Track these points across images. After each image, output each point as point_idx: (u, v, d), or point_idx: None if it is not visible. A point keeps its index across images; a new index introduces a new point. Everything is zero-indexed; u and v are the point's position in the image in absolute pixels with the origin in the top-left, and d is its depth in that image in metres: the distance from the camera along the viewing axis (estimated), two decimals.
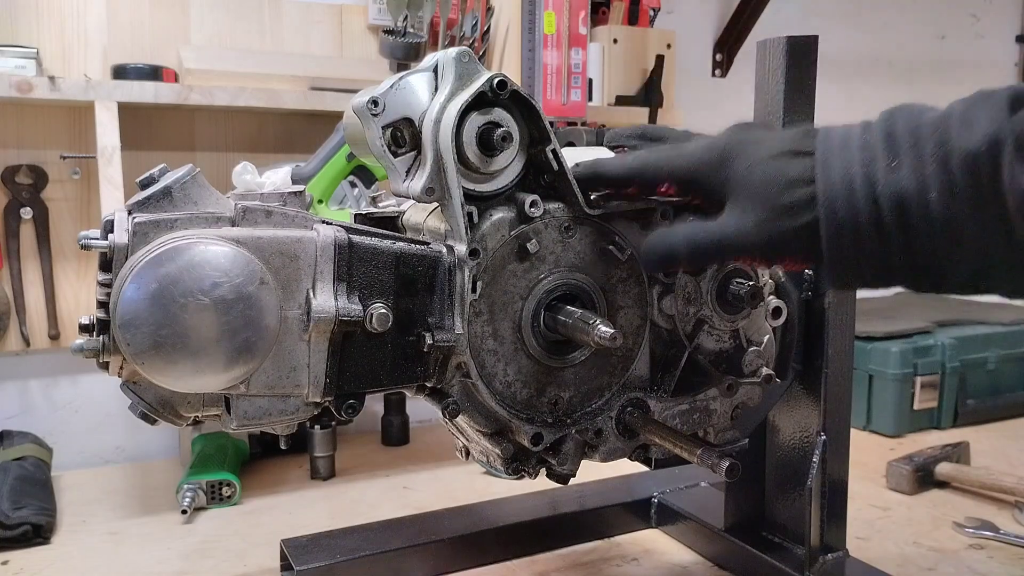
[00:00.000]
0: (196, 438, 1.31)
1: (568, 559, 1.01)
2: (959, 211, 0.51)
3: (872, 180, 0.53)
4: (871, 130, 0.56)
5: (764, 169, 0.58)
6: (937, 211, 0.52)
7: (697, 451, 0.68)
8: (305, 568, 0.89)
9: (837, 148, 0.56)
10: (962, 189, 0.51)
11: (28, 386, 1.39)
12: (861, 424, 1.52)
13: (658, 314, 0.74)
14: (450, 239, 0.67)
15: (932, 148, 0.52)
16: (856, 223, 0.54)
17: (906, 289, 0.57)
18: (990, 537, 1.06)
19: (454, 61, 0.65)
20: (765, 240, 0.58)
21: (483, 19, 1.53)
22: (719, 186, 0.61)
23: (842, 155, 0.55)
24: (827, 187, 0.55)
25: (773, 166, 0.58)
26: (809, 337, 0.86)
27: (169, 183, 0.60)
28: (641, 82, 1.67)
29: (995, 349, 1.59)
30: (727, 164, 0.61)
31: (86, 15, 1.35)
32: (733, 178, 0.60)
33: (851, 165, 0.54)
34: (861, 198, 0.53)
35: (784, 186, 0.57)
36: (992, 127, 0.50)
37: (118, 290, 0.56)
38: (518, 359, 0.70)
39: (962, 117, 0.52)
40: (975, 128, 0.51)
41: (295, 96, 1.35)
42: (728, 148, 0.61)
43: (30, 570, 1.00)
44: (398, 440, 1.49)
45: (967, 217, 0.51)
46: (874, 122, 0.56)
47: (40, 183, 1.34)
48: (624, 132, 0.72)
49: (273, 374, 0.61)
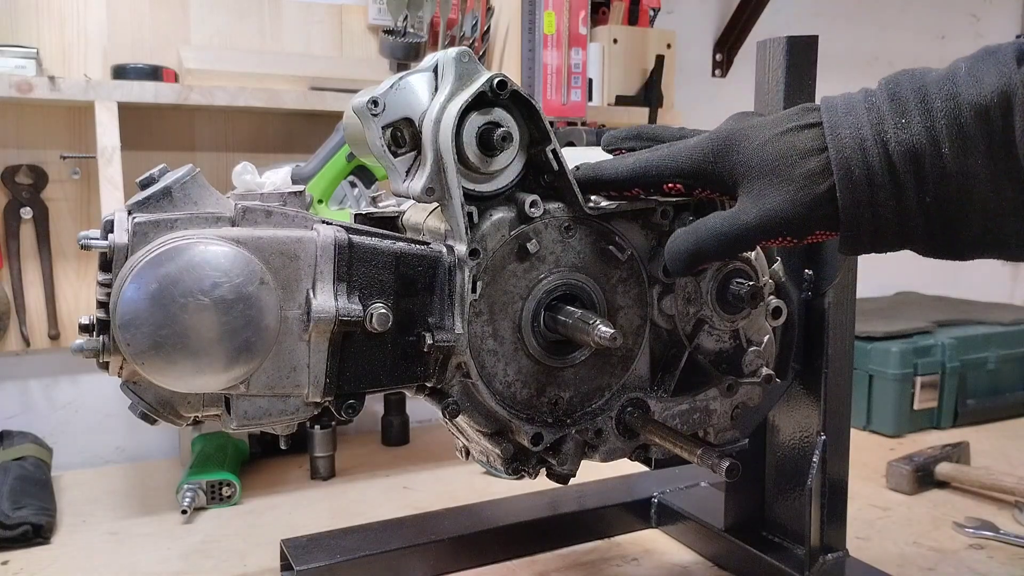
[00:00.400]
0: (196, 438, 1.31)
1: (568, 559, 1.01)
2: (971, 164, 0.52)
3: (883, 139, 0.53)
4: (875, 93, 0.56)
5: (774, 146, 0.58)
6: (950, 164, 0.52)
7: (697, 451, 0.68)
8: (305, 568, 0.89)
9: (843, 113, 0.56)
10: (974, 142, 0.51)
11: (28, 386, 1.39)
12: (861, 424, 1.52)
13: (658, 314, 0.74)
14: (450, 239, 0.67)
15: (941, 103, 0.52)
16: (872, 182, 0.54)
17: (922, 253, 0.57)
18: (990, 537, 1.06)
19: (454, 61, 0.65)
20: (791, 215, 0.57)
21: (483, 19, 1.53)
22: (728, 174, 0.61)
23: (850, 119, 0.55)
24: (840, 150, 0.55)
25: (782, 142, 0.58)
26: (809, 337, 0.86)
27: (169, 183, 0.60)
28: (641, 82, 1.67)
29: (995, 349, 1.59)
30: (734, 150, 0.60)
31: (86, 15, 1.35)
32: (743, 162, 0.60)
33: (860, 127, 0.54)
34: (874, 157, 0.53)
35: (798, 158, 0.57)
36: (1001, 80, 0.50)
37: (118, 290, 0.56)
38: (518, 359, 0.70)
39: (969, 72, 0.52)
40: (984, 82, 0.51)
41: (295, 96, 1.35)
42: (731, 135, 0.61)
43: (30, 570, 1.00)
44: (398, 440, 1.49)
45: (980, 169, 0.52)
46: (875, 87, 0.56)
47: (40, 183, 1.34)
48: (620, 134, 0.72)
49: (273, 374, 0.61)
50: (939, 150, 0.52)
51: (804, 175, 0.56)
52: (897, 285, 2.14)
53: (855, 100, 0.56)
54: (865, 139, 0.54)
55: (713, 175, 0.62)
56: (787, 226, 0.58)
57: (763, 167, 0.58)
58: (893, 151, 0.53)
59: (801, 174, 0.56)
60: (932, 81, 0.54)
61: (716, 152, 0.62)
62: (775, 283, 0.78)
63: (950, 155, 0.52)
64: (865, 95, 0.56)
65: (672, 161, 0.64)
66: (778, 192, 0.57)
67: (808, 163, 0.56)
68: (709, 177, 0.63)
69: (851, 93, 0.57)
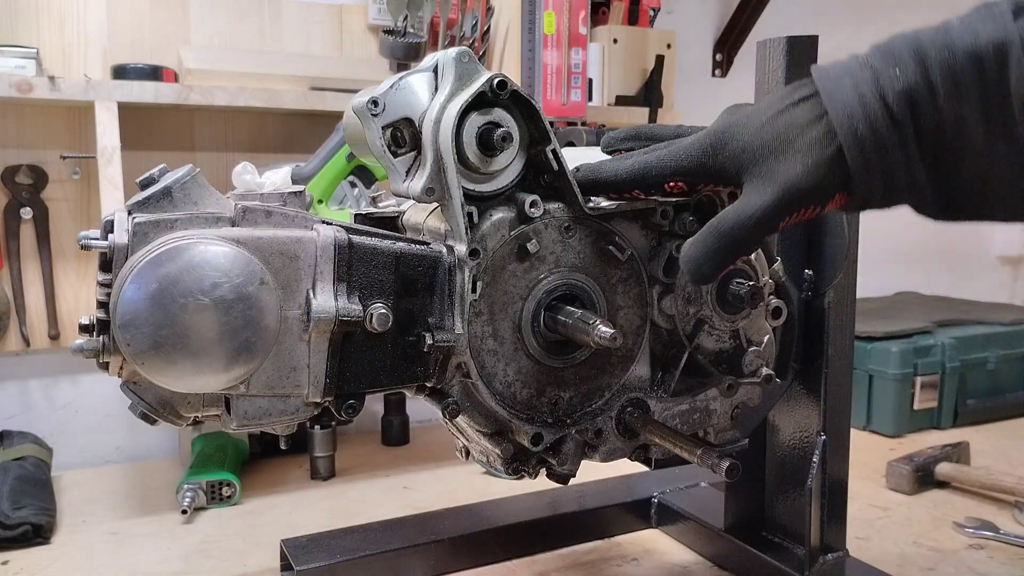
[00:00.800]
0: (196, 438, 1.31)
1: (568, 559, 1.01)
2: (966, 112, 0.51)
3: (881, 92, 0.53)
4: (866, 54, 0.55)
5: (773, 127, 0.57)
6: (945, 111, 0.52)
7: (697, 451, 0.68)
8: (305, 568, 0.89)
9: (837, 76, 0.55)
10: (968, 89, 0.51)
11: (28, 386, 1.39)
12: (861, 424, 1.52)
13: (658, 314, 0.74)
14: (450, 239, 0.67)
15: (935, 52, 0.52)
16: (877, 134, 0.53)
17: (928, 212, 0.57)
18: (990, 537, 1.06)
19: (454, 61, 0.65)
20: (807, 184, 0.56)
21: (483, 19, 1.53)
22: (731, 164, 0.60)
23: (845, 80, 0.55)
24: (840, 111, 0.54)
25: (780, 120, 0.57)
26: (809, 337, 0.86)
27: (169, 183, 0.60)
28: (641, 82, 1.67)
29: (995, 349, 1.59)
30: (733, 139, 0.60)
31: (86, 15, 1.35)
32: (744, 149, 0.59)
33: (857, 85, 0.54)
34: (876, 110, 0.53)
35: (799, 131, 0.56)
36: (997, 32, 0.50)
37: (118, 290, 0.56)
38: (518, 359, 0.70)
39: (963, 24, 0.52)
40: (979, 33, 0.51)
41: (295, 96, 1.35)
42: (728, 126, 0.61)
43: (30, 570, 1.00)
44: (398, 440, 1.49)
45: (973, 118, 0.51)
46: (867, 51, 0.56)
47: (40, 183, 1.34)
48: (619, 135, 0.72)
49: (273, 374, 0.61)
50: (934, 97, 0.52)
51: (809, 144, 0.55)
52: (897, 285, 2.14)
53: (849, 63, 0.56)
54: (864, 95, 0.53)
55: (715, 168, 0.61)
56: (806, 194, 0.56)
57: (766, 149, 0.58)
58: (892, 103, 0.53)
59: (806, 143, 0.56)
60: (925, 34, 0.53)
61: (715, 145, 0.61)
62: (775, 283, 0.78)
63: (945, 102, 0.52)
64: (855, 57, 0.56)
65: (672, 160, 0.64)
66: (787, 166, 0.56)
67: (811, 132, 0.56)
68: (711, 171, 0.62)
69: (841, 59, 0.57)
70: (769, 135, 0.58)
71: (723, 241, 0.60)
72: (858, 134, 0.53)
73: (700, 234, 0.62)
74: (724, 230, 0.60)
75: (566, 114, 1.51)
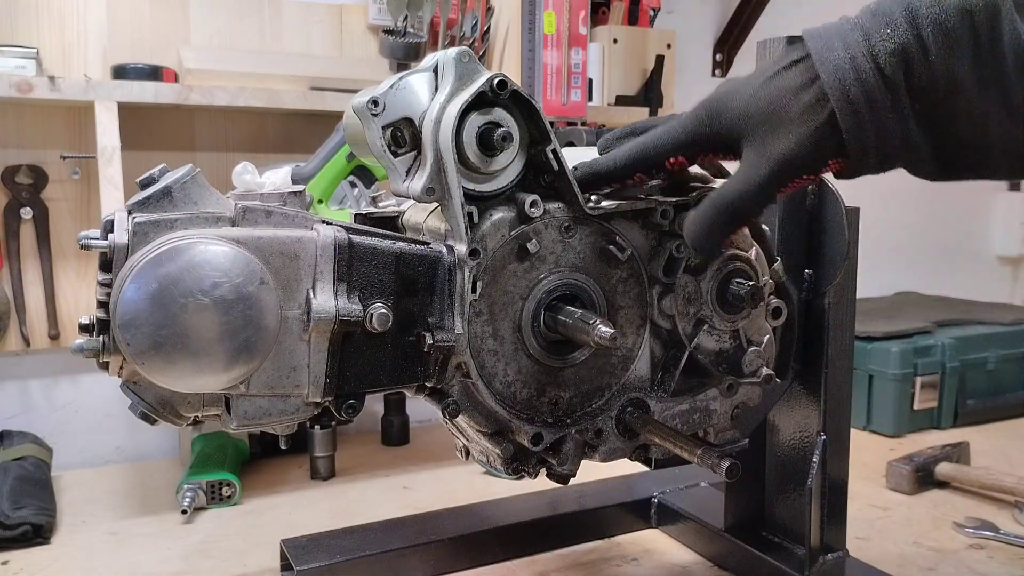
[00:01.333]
0: (196, 438, 1.31)
1: (568, 559, 1.01)
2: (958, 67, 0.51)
3: (872, 52, 0.53)
4: (859, 15, 0.55)
5: (766, 91, 0.58)
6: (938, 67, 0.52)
7: (697, 451, 0.68)
8: (305, 568, 0.89)
9: (828, 38, 0.55)
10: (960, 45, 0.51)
11: (28, 386, 1.39)
12: (861, 424, 1.52)
13: (658, 314, 0.74)
14: (450, 239, 0.67)
15: (926, 10, 0.52)
16: (869, 97, 0.53)
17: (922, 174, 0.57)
18: (990, 537, 1.06)
19: (454, 61, 0.65)
20: (800, 153, 0.56)
21: (483, 19, 1.53)
22: (727, 131, 0.60)
23: (836, 42, 0.55)
24: (831, 74, 0.54)
25: (772, 85, 0.57)
26: (809, 337, 0.86)
27: (169, 183, 0.60)
28: (641, 82, 1.67)
29: (995, 349, 1.59)
30: (727, 107, 0.60)
31: (86, 15, 1.35)
32: (739, 115, 0.59)
33: (848, 46, 0.54)
34: (867, 72, 0.53)
35: (791, 96, 0.56)
36: None
37: (118, 290, 0.56)
38: (518, 359, 0.70)
39: None
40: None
41: (295, 96, 1.35)
42: (722, 95, 0.61)
43: (30, 570, 1.00)
44: (398, 440, 1.49)
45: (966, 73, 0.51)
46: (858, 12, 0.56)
47: (40, 183, 1.34)
48: (615, 135, 0.72)
49: (273, 374, 0.61)
50: (926, 55, 0.52)
51: (802, 110, 0.56)
52: (897, 285, 2.14)
53: (837, 25, 0.56)
54: (855, 57, 0.53)
55: (712, 137, 0.62)
56: (800, 165, 0.57)
57: (760, 114, 0.58)
58: (884, 63, 0.53)
59: (798, 110, 0.56)
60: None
61: (711, 114, 0.61)
62: (775, 283, 0.78)
63: (937, 59, 0.52)
64: (847, 19, 0.56)
65: (669, 136, 0.64)
66: (781, 134, 0.57)
67: (803, 97, 0.56)
68: (709, 141, 0.62)
69: (831, 22, 0.57)
70: (762, 101, 0.58)
71: (723, 213, 0.61)
72: (850, 97, 0.53)
73: (701, 206, 0.63)
74: (723, 202, 0.61)
75: (566, 114, 1.51)
